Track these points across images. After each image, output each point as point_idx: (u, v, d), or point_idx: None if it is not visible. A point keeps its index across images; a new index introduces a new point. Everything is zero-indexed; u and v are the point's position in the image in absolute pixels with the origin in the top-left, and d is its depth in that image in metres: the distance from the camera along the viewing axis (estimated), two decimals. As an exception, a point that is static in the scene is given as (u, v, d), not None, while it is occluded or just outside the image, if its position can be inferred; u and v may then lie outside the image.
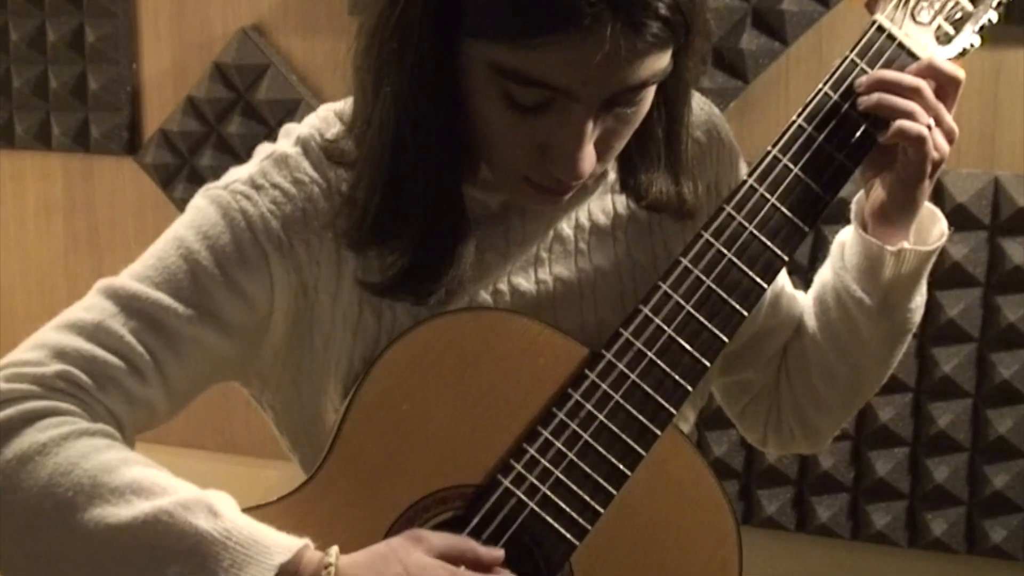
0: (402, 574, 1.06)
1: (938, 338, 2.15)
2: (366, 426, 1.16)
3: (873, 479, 2.23)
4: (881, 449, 2.23)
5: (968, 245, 2.11)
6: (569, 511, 1.16)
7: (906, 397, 2.19)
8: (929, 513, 2.22)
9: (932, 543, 2.23)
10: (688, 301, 1.20)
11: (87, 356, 1.14)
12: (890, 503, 2.24)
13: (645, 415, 1.18)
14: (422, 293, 1.19)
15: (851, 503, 2.27)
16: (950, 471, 2.19)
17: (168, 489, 1.08)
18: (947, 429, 2.17)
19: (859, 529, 2.27)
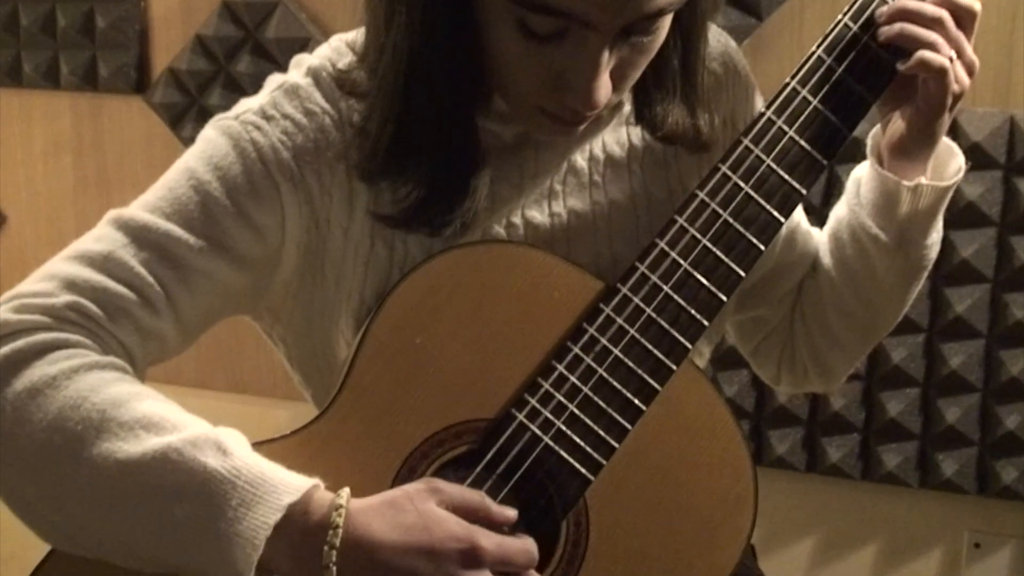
0: (414, 523, 1.05)
1: (951, 278, 2.13)
2: (379, 360, 1.15)
3: (884, 420, 2.22)
4: (892, 390, 2.21)
5: (983, 185, 2.08)
6: (584, 446, 1.15)
7: (918, 338, 2.18)
8: (940, 454, 2.21)
9: (943, 484, 2.22)
10: (705, 235, 1.19)
11: (97, 287, 1.13)
12: (901, 444, 2.23)
13: (660, 350, 1.17)
14: (436, 224, 1.18)
15: (862, 444, 2.26)
16: (962, 412, 2.18)
17: (178, 425, 1.07)
18: (959, 370, 2.16)
19: (869, 470, 2.26)
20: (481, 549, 1.04)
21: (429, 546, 1.04)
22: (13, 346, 1.09)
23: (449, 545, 1.04)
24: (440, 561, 1.04)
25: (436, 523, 1.05)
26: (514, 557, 1.07)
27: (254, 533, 1.02)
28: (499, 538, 1.07)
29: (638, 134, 1.29)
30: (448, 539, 1.04)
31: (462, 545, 1.04)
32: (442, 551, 1.04)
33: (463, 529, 1.05)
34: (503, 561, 1.06)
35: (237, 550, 1.02)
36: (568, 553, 1.16)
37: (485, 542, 1.05)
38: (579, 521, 1.16)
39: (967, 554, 2.28)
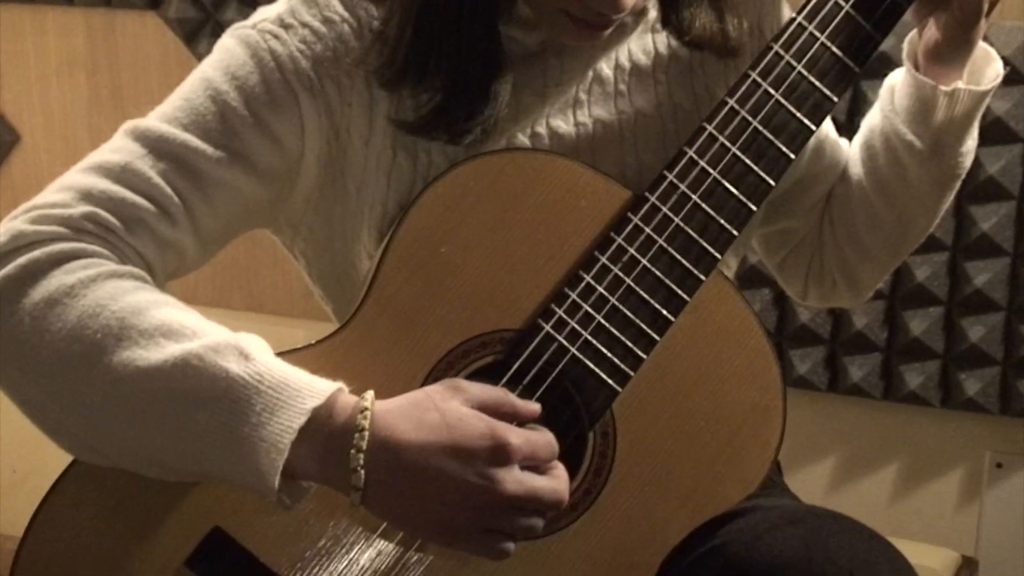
0: (439, 422, 1.03)
1: (977, 195, 2.11)
2: (404, 270, 1.14)
3: (907, 339, 2.20)
4: (916, 308, 2.19)
5: (1011, 100, 2.05)
6: (611, 357, 1.14)
7: (943, 256, 2.15)
8: (962, 373, 2.19)
9: (965, 403, 2.21)
10: (734, 143, 1.17)
11: (115, 198, 1.11)
12: (923, 363, 2.22)
13: (689, 259, 1.15)
14: (457, 131, 1.15)
15: (884, 363, 2.25)
16: (985, 331, 2.16)
17: (198, 332, 1.06)
18: (983, 288, 2.13)
19: (891, 389, 2.25)
20: (509, 445, 1.03)
21: (456, 445, 1.02)
22: (30, 256, 1.07)
23: (476, 443, 1.02)
24: (468, 459, 1.02)
25: (461, 421, 1.03)
26: (539, 451, 1.06)
27: (278, 437, 1.00)
28: (525, 433, 1.05)
29: (664, 41, 1.26)
30: (475, 437, 1.03)
31: (489, 442, 1.03)
32: (469, 449, 1.02)
33: (489, 426, 1.04)
34: (530, 456, 1.05)
35: (262, 455, 1.01)
36: (595, 464, 1.15)
37: (513, 438, 1.03)
38: (606, 432, 1.15)
39: (988, 474, 2.27)
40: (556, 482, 1.06)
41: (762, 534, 0.99)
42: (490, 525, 1.04)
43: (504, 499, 1.02)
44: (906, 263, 2.14)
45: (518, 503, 1.03)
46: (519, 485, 1.03)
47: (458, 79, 1.14)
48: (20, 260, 1.07)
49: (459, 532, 1.04)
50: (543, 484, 1.05)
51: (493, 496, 1.02)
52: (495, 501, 1.03)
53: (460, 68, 1.14)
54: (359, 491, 1.02)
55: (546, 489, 1.05)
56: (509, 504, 1.03)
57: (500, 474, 1.02)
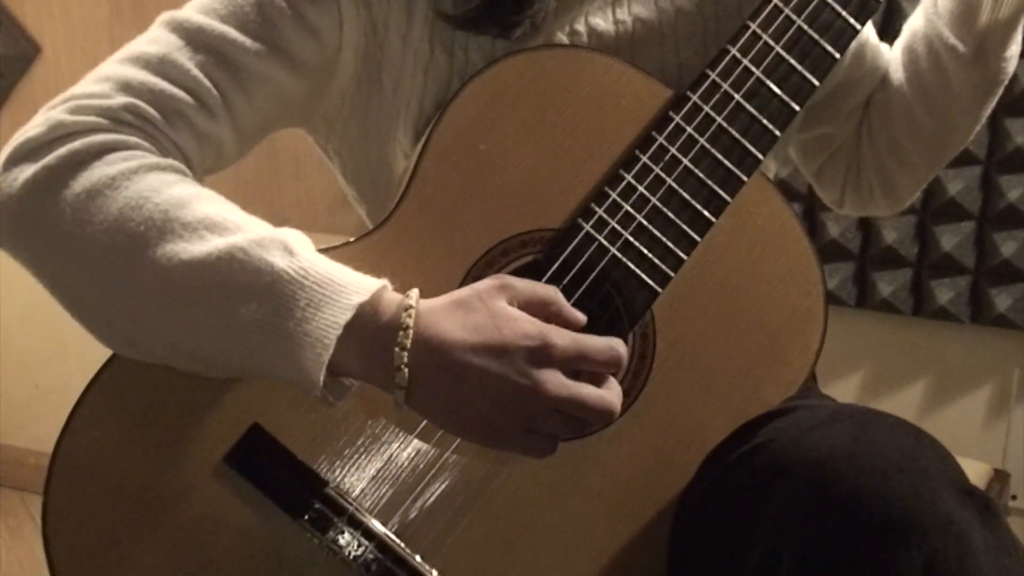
0: (484, 322, 1.02)
1: (1013, 108, 2.08)
2: (443, 167, 1.12)
3: (938, 254, 2.19)
4: (947, 223, 2.17)
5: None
6: (652, 257, 1.12)
7: (976, 170, 2.13)
8: (993, 289, 2.18)
9: (995, 319, 2.19)
10: (778, 42, 1.14)
11: (154, 89, 1.09)
12: (954, 279, 2.20)
13: (731, 160, 1.14)
14: (506, 24, 1.13)
15: (914, 278, 2.23)
16: (1018, 246, 2.14)
17: (242, 226, 1.04)
18: (1017, 203, 2.11)
19: (921, 305, 2.24)
20: (553, 346, 1.01)
21: (501, 344, 1.01)
22: (70, 147, 1.06)
23: (521, 342, 1.01)
24: (511, 359, 1.01)
25: (507, 321, 1.02)
26: (594, 354, 1.03)
27: (324, 333, 0.99)
28: (574, 336, 1.03)
29: None
30: (520, 337, 1.01)
31: (533, 342, 1.01)
32: (514, 349, 1.01)
33: (534, 327, 1.02)
34: (579, 357, 1.03)
35: (307, 351, 0.99)
36: (635, 366, 1.14)
37: (557, 339, 1.01)
38: (646, 334, 1.14)
39: (1017, 391, 2.26)
40: (606, 392, 1.03)
41: (808, 431, 0.98)
42: (531, 426, 1.03)
43: (546, 400, 1.01)
44: (938, 177, 2.11)
45: (560, 406, 1.01)
46: (563, 388, 1.01)
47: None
48: (60, 151, 1.05)
49: (500, 432, 1.03)
50: (590, 391, 1.02)
51: (535, 396, 1.01)
52: (537, 402, 1.01)
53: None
54: (403, 390, 1.01)
55: (592, 396, 1.02)
56: (551, 406, 1.01)
57: (543, 375, 1.01)
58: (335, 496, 1.09)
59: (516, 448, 1.05)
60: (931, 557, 0.89)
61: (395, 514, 1.11)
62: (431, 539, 1.11)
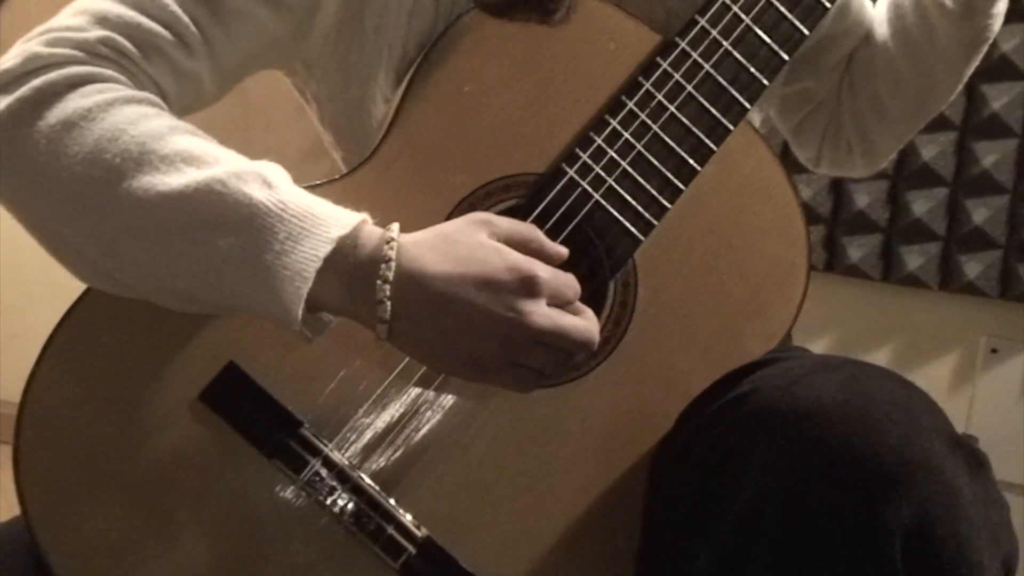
0: (466, 255, 1.01)
1: (989, 74, 2.08)
2: (427, 108, 1.10)
3: (909, 220, 2.19)
4: (919, 189, 2.17)
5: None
6: (635, 205, 1.11)
7: (950, 135, 2.13)
8: (963, 256, 2.18)
9: (964, 286, 2.20)
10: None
11: (131, 23, 1.07)
12: (924, 245, 2.20)
13: (718, 108, 1.12)
14: (547, 10, 1.11)
15: (884, 244, 2.23)
16: (990, 213, 2.14)
17: (220, 159, 1.02)
18: (990, 169, 2.11)
19: (890, 270, 2.24)
20: (539, 278, 1.00)
21: (486, 276, 1.00)
22: (46, 79, 1.03)
23: (505, 275, 1.00)
24: (497, 290, 1.00)
25: (491, 253, 1.01)
26: (564, 290, 1.03)
27: (303, 266, 0.98)
28: (553, 270, 1.03)
29: None
30: (505, 269, 1.00)
31: (520, 275, 1.00)
32: (499, 281, 1.00)
33: (517, 259, 1.01)
34: (556, 292, 1.02)
35: (286, 283, 0.98)
36: (615, 314, 1.13)
37: (542, 272, 1.01)
38: (627, 282, 1.13)
39: (983, 359, 2.27)
40: (586, 322, 1.04)
41: (796, 379, 0.97)
42: (516, 359, 1.02)
43: (532, 332, 1.00)
44: (912, 142, 2.11)
45: (545, 337, 1.01)
46: (548, 319, 1.01)
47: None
48: (35, 82, 1.03)
49: (485, 364, 1.02)
50: (573, 321, 1.02)
51: (521, 328, 1.00)
52: (523, 333, 1.00)
53: None
54: (385, 324, 1.00)
55: (577, 326, 1.02)
56: (536, 338, 1.01)
57: (529, 306, 1.00)
58: (310, 437, 1.08)
59: (500, 381, 1.04)
60: (921, 506, 0.88)
61: (371, 457, 1.09)
62: (406, 483, 1.09)
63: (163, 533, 1.06)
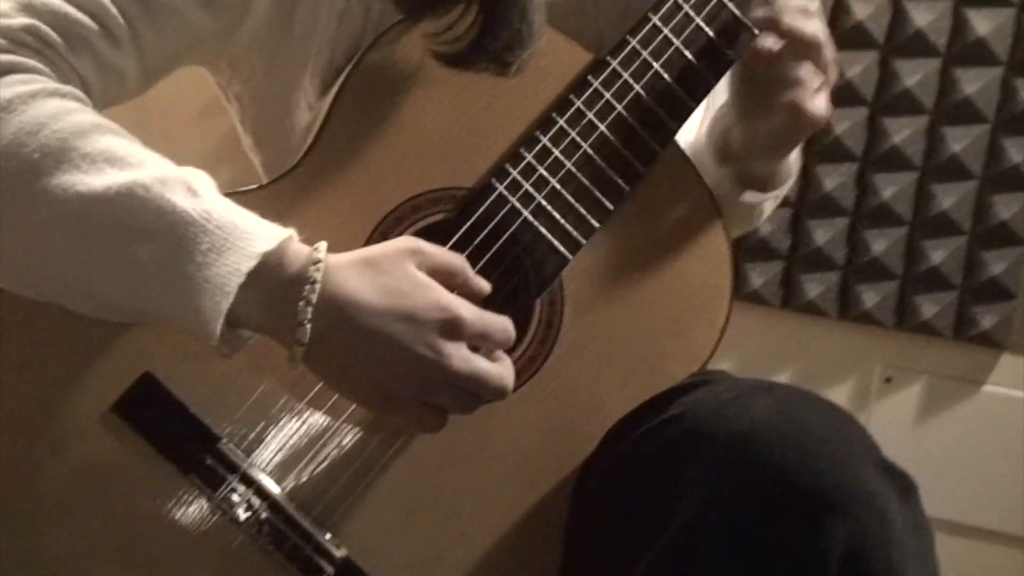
0: (392, 286, 0.99)
1: (891, 108, 2.11)
2: (356, 118, 1.09)
3: (810, 248, 2.20)
4: (821, 218, 2.19)
5: (933, 13, 2.05)
6: (563, 223, 1.10)
7: (852, 167, 2.15)
8: (862, 286, 2.20)
9: (861, 316, 2.22)
10: (699, 13, 1.13)
11: (57, 12, 1.03)
12: (824, 273, 2.22)
13: (647, 130, 1.12)
14: (502, 63, 1.09)
15: (785, 271, 2.25)
16: (888, 244, 2.17)
17: (144, 162, 0.99)
18: (890, 201, 2.14)
19: (790, 298, 2.25)
20: (462, 320, 0.99)
21: (409, 311, 0.98)
22: None
23: (430, 313, 0.98)
24: (419, 327, 0.98)
25: (417, 288, 0.99)
26: (493, 333, 1.02)
27: (225, 280, 0.95)
28: (480, 312, 1.01)
29: None
30: (430, 306, 0.98)
31: (444, 314, 0.99)
32: (422, 318, 0.98)
33: (445, 298, 1.00)
34: (481, 335, 1.01)
35: (206, 297, 0.95)
36: (541, 333, 1.12)
37: (466, 313, 1.00)
38: (554, 300, 1.12)
39: (877, 388, 2.29)
40: (503, 369, 1.03)
41: (729, 402, 0.97)
42: (428, 398, 1.01)
43: (449, 373, 0.99)
44: (815, 172, 2.14)
45: (460, 381, 1.00)
46: (465, 363, 1.00)
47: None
48: None
49: (395, 400, 1.01)
50: (490, 368, 1.01)
51: (437, 369, 0.99)
52: (438, 374, 0.99)
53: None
54: (302, 346, 0.97)
55: (492, 373, 1.01)
56: (452, 380, 1.00)
57: (448, 347, 0.99)
58: (228, 453, 1.05)
59: (407, 419, 1.03)
60: (854, 530, 0.89)
61: (290, 475, 1.07)
62: (326, 502, 1.07)
63: (73, 550, 1.02)
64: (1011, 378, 2.23)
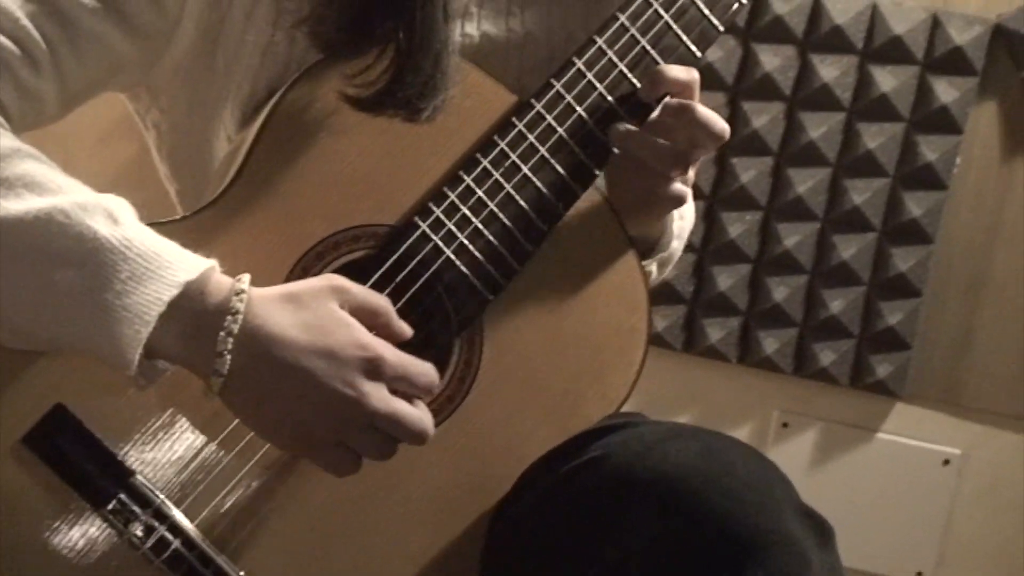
0: (317, 323, 0.98)
1: (796, 159, 2.15)
2: (280, 152, 1.08)
3: (713, 293, 2.23)
4: (724, 264, 2.23)
5: (839, 68, 2.09)
6: (485, 264, 1.11)
7: (756, 215, 2.19)
8: (762, 331, 2.24)
9: (761, 361, 2.25)
10: (622, 59, 1.15)
11: None
12: (726, 319, 2.25)
13: (569, 172, 1.13)
14: (414, 109, 1.10)
15: (688, 316, 2.28)
16: (789, 292, 2.21)
17: (64, 188, 0.98)
18: (792, 250, 2.18)
19: (692, 342, 2.28)
20: (383, 360, 0.99)
21: (330, 349, 0.98)
22: None
23: (351, 352, 0.98)
24: (340, 366, 0.98)
25: (339, 326, 0.99)
26: (414, 377, 1.02)
27: (145, 308, 0.94)
28: (402, 355, 1.01)
29: None
30: (351, 345, 0.98)
31: (365, 354, 0.98)
32: (344, 357, 0.98)
33: (367, 338, 1.00)
34: (403, 377, 1.01)
35: (125, 326, 0.94)
36: (460, 372, 1.12)
37: (388, 354, 1.00)
38: (473, 340, 1.12)
39: (774, 433, 2.33)
40: (423, 414, 1.02)
41: (652, 445, 0.98)
42: (343, 438, 1.00)
43: (368, 414, 0.99)
44: (720, 218, 2.17)
45: (379, 422, 1.00)
46: (385, 404, 0.99)
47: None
48: None
49: (311, 439, 1.00)
50: (409, 411, 1.01)
51: (356, 408, 0.98)
52: (356, 414, 0.99)
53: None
54: (221, 377, 0.97)
55: (411, 417, 1.01)
56: (371, 421, 0.99)
57: (368, 387, 0.99)
58: (140, 487, 1.03)
59: (321, 458, 1.02)
60: (775, 573, 0.90)
61: (204, 510, 1.05)
62: (240, 538, 1.06)
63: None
64: (904, 426, 2.28)
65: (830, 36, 2.07)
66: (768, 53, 2.10)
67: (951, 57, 2.07)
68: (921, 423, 2.27)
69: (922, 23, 2.07)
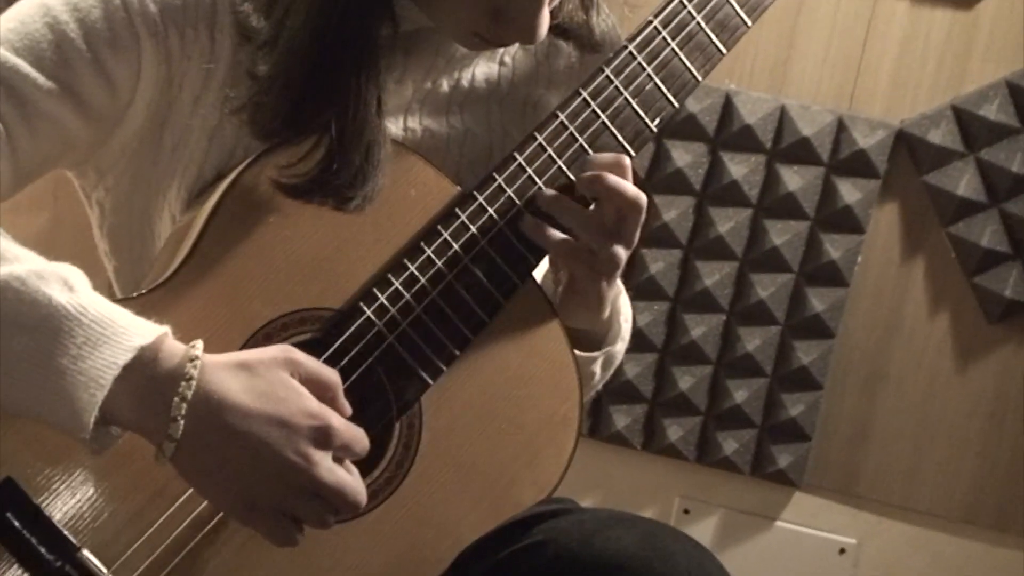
0: (270, 391, 1.01)
1: (704, 252, 2.21)
2: (229, 235, 1.10)
3: (619, 381, 2.28)
4: (630, 353, 2.27)
5: (747, 167, 2.17)
6: (426, 349, 1.14)
7: (663, 306, 2.24)
8: (667, 419, 2.28)
9: (665, 448, 2.30)
10: (560, 156, 1.19)
11: None
12: (632, 406, 2.29)
13: (508, 263, 1.17)
14: (342, 199, 1.12)
15: (594, 403, 2.31)
16: (694, 381, 2.26)
17: (20, 257, 1.00)
18: (698, 340, 2.24)
19: (599, 428, 2.32)
20: (333, 429, 1.02)
21: (281, 417, 1.00)
22: None
23: (301, 420, 1.00)
24: (291, 433, 1.00)
25: (291, 393, 1.01)
26: (354, 444, 1.04)
27: (100, 372, 0.95)
28: (348, 423, 1.04)
29: (508, 74, 1.29)
30: (302, 414, 1.01)
31: (315, 422, 1.01)
32: (295, 425, 1.00)
33: (318, 407, 1.02)
34: (347, 446, 1.04)
35: (80, 389, 0.95)
36: (399, 455, 1.14)
37: (336, 423, 1.02)
38: (412, 423, 1.15)
39: (675, 519, 2.37)
40: (359, 484, 1.05)
41: (595, 532, 1.01)
42: (287, 507, 1.02)
43: (314, 482, 1.01)
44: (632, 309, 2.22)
45: (324, 491, 1.02)
46: (331, 474, 1.02)
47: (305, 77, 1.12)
48: None
49: (257, 505, 1.02)
50: (351, 481, 1.04)
51: (306, 476, 1.01)
52: (305, 483, 1.01)
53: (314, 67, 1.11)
54: (174, 442, 0.98)
55: (352, 488, 1.04)
56: (315, 489, 1.02)
57: (317, 456, 1.01)
58: (87, 563, 1.03)
59: (263, 525, 1.03)
60: None
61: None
62: (185, 612, 1.06)
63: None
64: (803, 515, 2.33)
65: (740, 135, 2.15)
66: (680, 149, 2.17)
67: (855, 159, 2.16)
68: (819, 512, 2.33)
69: (828, 126, 2.16)
